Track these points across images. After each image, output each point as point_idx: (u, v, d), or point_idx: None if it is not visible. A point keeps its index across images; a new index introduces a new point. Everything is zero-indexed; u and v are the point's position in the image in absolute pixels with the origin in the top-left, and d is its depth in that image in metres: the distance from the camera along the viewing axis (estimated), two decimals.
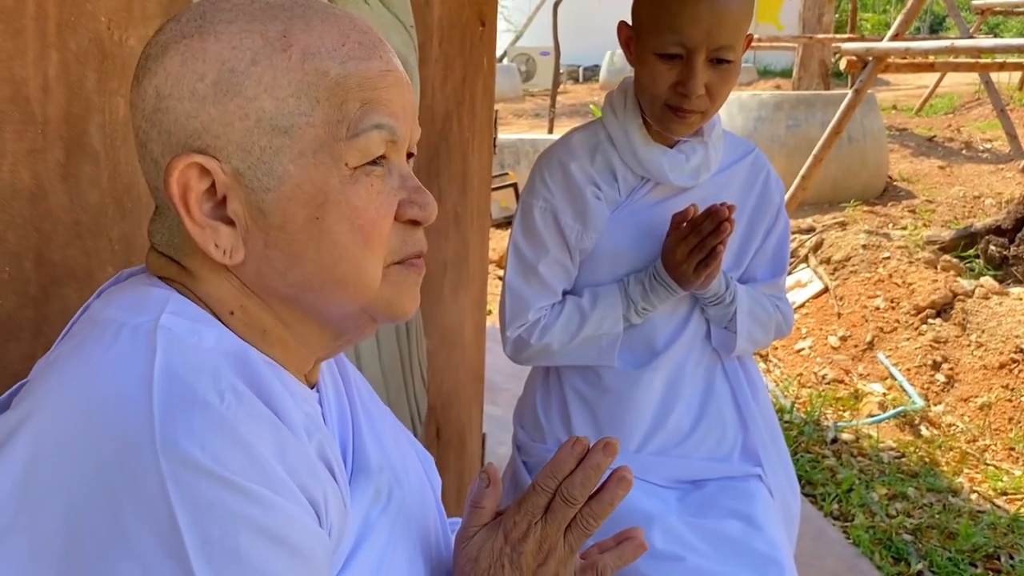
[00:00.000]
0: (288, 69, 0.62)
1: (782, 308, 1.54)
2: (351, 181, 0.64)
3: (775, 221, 1.52)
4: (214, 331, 0.63)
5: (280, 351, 0.68)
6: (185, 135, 0.62)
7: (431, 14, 1.69)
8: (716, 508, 1.41)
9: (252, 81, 0.61)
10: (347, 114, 0.63)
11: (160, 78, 0.62)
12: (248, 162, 0.62)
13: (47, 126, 0.91)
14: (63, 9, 0.92)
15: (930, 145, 9.00)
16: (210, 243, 0.63)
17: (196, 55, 0.62)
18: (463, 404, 2.14)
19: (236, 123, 0.62)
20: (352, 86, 0.63)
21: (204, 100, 0.61)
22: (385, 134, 0.65)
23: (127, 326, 0.60)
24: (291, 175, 0.63)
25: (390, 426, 0.84)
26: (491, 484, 0.77)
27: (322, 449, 0.65)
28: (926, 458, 3.43)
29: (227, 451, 0.54)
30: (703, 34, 1.28)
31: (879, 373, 4.07)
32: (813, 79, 11.02)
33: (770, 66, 17.94)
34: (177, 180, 0.61)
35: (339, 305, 0.67)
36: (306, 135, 0.62)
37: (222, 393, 0.57)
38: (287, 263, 0.64)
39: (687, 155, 1.42)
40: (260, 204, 0.63)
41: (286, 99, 0.62)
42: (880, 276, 4.64)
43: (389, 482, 0.74)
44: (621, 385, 1.47)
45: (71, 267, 0.96)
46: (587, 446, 0.74)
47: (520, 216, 1.47)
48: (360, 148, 0.64)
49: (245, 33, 0.62)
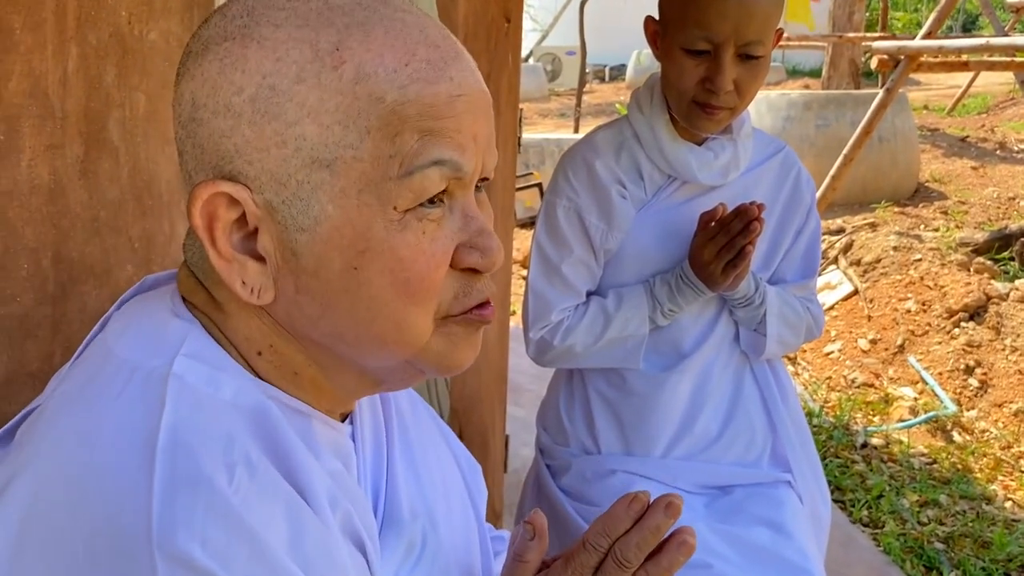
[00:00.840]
0: (337, 91, 0.53)
1: (812, 310, 1.51)
2: (399, 228, 0.55)
3: (806, 221, 1.49)
4: (233, 380, 0.57)
5: (313, 394, 0.62)
6: (217, 155, 0.55)
7: (456, 11, 1.67)
8: (744, 515, 1.37)
9: (295, 103, 0.53)
10: (401, 148, 0.54)
11: (197, 83, 0.55)
12: (283, 196, 0.55)
13: (66, 121, 0.90)
14: (83, 3, 0.91)
15: (963, 145, 8.85)
16: (236, 280, 0.56)
17: (236, 63, 0.54)
18: (486, 406, 2.12)
19: (272, 150, 0.54)
20: (411, 115, 0.54)
21: (240, 118, 0.54)
22: (446, 171, 0.56)
23: (140, 371, 0.55)
24: (330, 216, 0.54)
25: (434, 450, 0.77)
26: (536, 537, 0.68)
27: (349, 520, 0.59)
28: (959, 464, 3.36)
29: (231, 547, 0.49)
30: (731, 28, 1.25)
31: (910, 377, 4.00)
32: (843, 79, 10.89)
33: (799, 65, 17.76)
34: (202, 209, 0.55)
35: (379, 359, 0.60)
36: (351, 171, 0.54)
37: (232, 468, 0.51)
38: (319, 312, 0.57)
39: (716, 152, 1.39)
40: (293, 244, 0.56)
41: (331, 127, 0.53)
42: (911, 278, 4.56)
43: (423, 530, 0.68)
44: (647, 388, 1.44)
45: (89, 264, 0.95)
46: (646, 504, 0.65)
47: (543, 216, 1.44)
48: (414, 189, 0.55)
49: (293, 42, 0.53)
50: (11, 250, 0.87)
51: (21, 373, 0.89)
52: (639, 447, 1.44)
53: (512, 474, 2.79)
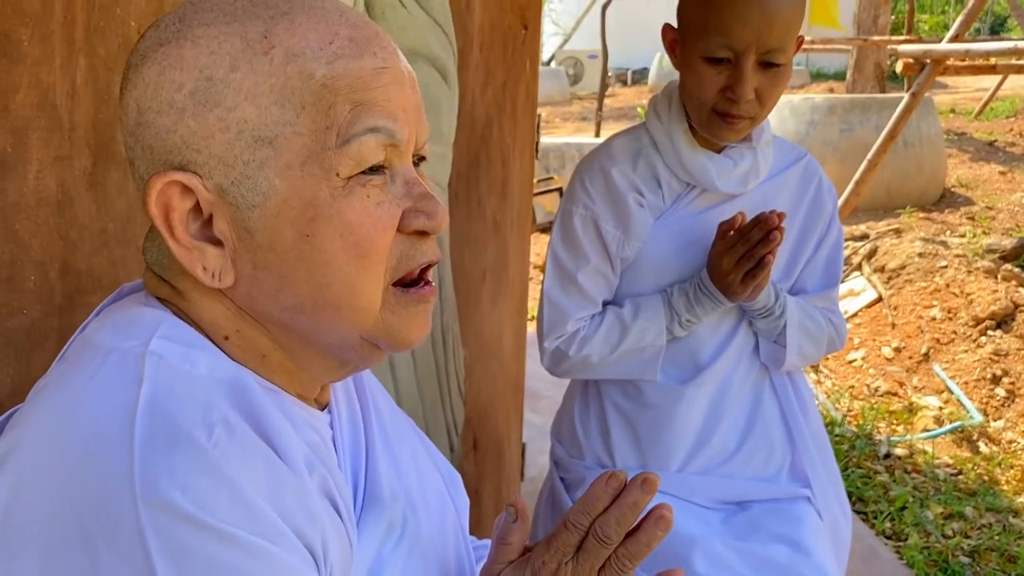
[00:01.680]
0: (270, 74, 0.57)
1: (835, 321, 1.48)
2: (344, 193, 0.58)
3: (827, 230, 1.46)
4: (208, 357, 0.59)
5: (282, 376, 0.64)
6: (165, 151, 0.58)
7: (472, 19, 1.66)
8: (762, 531, 1.34)
9: (232, 89, 0.57)
10: (336, 119, 0.58)
11: (140, 90, 0.58)
12: (231, 177, 0.58)
13: (74, 133, 0.90)
14: (92, 14, 0.90)
15: (990, 150, 8.72)
16: (197, 266, 0.59)
17: (173, 63, 0.57)
18: (501, 415, 2.11)
19: (216, 136, 0.57)
20: (341, 88, 0.58)
21: (183, 112, 0.57)
22: (382, 138, 0.59)
23: (115, 351, 0.57)
24: (277, 190, 0.58)
25: (409, 444, 0.80)
26: (519, 519, 0.71)
27: (325, 483, 0.61)
28: (985, 476, 3.29)
29: (212, 494, 0.50)
30: (752, 37, 1.22)
31: (935, 386, 3.94)
32: (868, 82, 10.78)
33: (823, 69, 17.62)
34: (156, 200, 0.58)
35: (336, 331, 0.62)
36: (292, 145, 0.57)
37: (211, 427, 0.53)
38: (278, 285, 0.60)
39: (735, 161, 1.36)
40: (246, 222, 0.58)
41: (269, 107, 0.57)
42: (937, 285, 4.49)
43: (404, 512, 0.70)
44: (663, 400, 1.42)
45: (97, 276, 0.94)
46: (623, 481, 0.67)
47: (559, 224, 1.43)
48: (352, 156, 0.58)
49: (224, 36, 0.57)
50: (18, 262, 0.86)
51: (28, 384, 0.88)
52: (655, 461, 1.42)
53: (529, 482, 2.77)
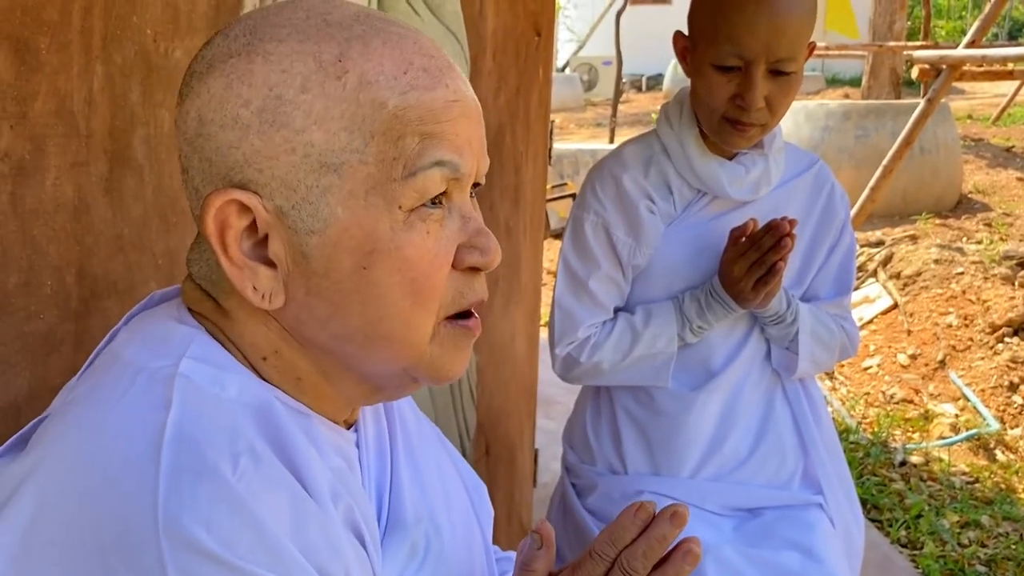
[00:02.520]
0: (342, 99, 0.56)
1: (847, 328, 1.47)
2: (404, 228, 0.58)
3: (840, 237, 1.45)
4: (238, 379, 0.58)
5: (314, 399, 0.64)
6: (226, 166, 0.57)
7: (485, 26, 1.67)
8: (774, 538, 1.34)
9: (301, 111, 0.56)
10: (404, 151, 0.57)
11: (203, 100, 0.57)
12: (292, 201, 0.57)
13: (91, 139, 0.91)
14: (109, 22, 0.91)
15: (1008, 156, 8.66)
16: (248, 285, 0.58)
17: (242, 77, 0.56)
18: (513, 420, 2.11)
19: (281, 157, 0.56)
20: (412, 119, 0.57)
21: (248, 129, 0.56)
22: (447, 172, 0.58)
23: (145, 371, 0.56)
24: (339, 218, 0.57)
25: (435, 457, 0.79)
26: (544, 546, 0.69)
27: (350, 513, 0.60)
28: (1002, 484, 3.26)
29: (235, 531, 0.50)
30: (762, 45, 1.22)
31: (951, 393, 3.91)
32: (883, 88, 10.72)
33: (839, 74, 17.54)
34: (214, 217, 0.57)
35: (382, 361, 0.61)
36: (358, 174, 0.56)
37: (237, 457, 0.52)
38: (329, 313, 0.59)
39: (747, 167, 1.36)
40: (303, 247, 0.58)
41: (338, 133, 0.56)
42: (953, 292, 4.46)
43: (427, 534, 0.69)
44: (675, 407, 1.42)
45: (113, 281, 0.95)
46: (652, 513, 0.66)
47: (570, 231, 1.43)
48: (417, 188, 0.57)
49: (297, 55, 0.56)
50: (36, 267, 0.88)
51: (44, 388, 0.90)
52: (667, 467, 1.42)
53: (541, 488, 2.77)
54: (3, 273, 0.84)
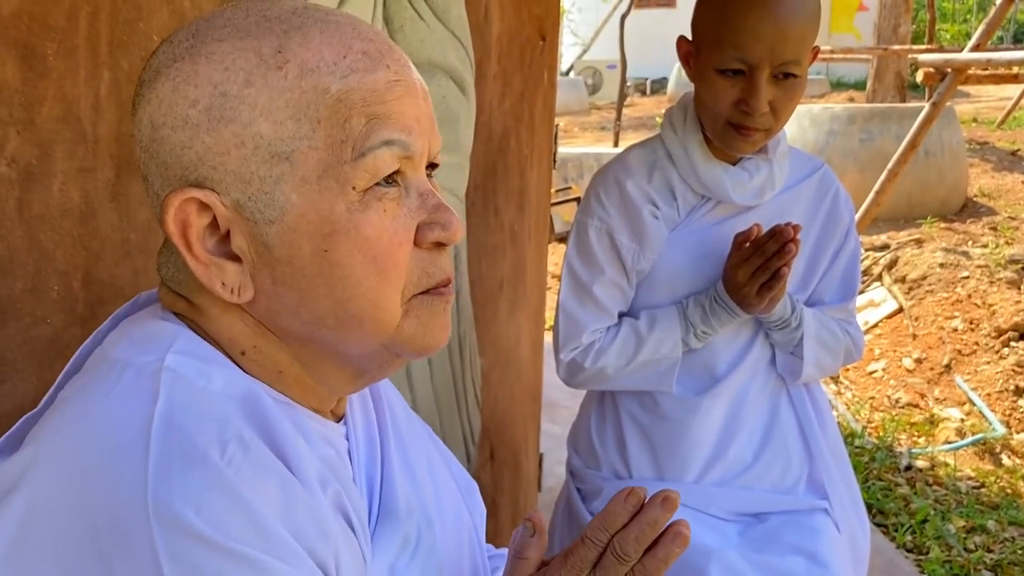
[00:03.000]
0: (285, 89, 0.57)
1: (852, 333, 1.47)
2: (360, 207, 0.59)
3: (844, 241, 1.45)
4: (224, 372, 0.59)
5: (297, 391, 0.65)
6: (181, 167, 0.58)
7: (490, 31, 1.67)
8: (779, 543, 1.34)
9: (246, 104, 0.57)
10: (351, 132, 0.58)
11: (153, 106, 0.59)
12: (248, 193, 0.58)
13: (97, 145, 0.91)
14: (115, 28, 0.92)
15: (1013, 160, 8.64)
16: (216, 282, 0.59)
17: (187, 79, 0.57)
18: (518, 424, 2.11)
19: (232, 151, 0.57)
20: (356, 101, 0.58)
21: (197, 128, 0.57)
22: (397, 150, 0.59)
23: (132, 366, 0.57)
24: (294, 205, 0.58)
25: (425, 453, 0.80)
26: (536, 534, 0.70)
27: (339, 499, 0.61)
28: (1008, 489, 3.25)
29: (225, 513, 0.50)
30: (766, 50, 1.22)
31: (957, 398, 3.90)
32: (888, 91, 10.71)
33: (843, 78, 17.52)
34: (174, 217, 0.58)
35: (358, 343, 0.62)
36: (308, 160, 0.58)
37: (225, 444, 0.53)
38: (298, 300, 0.60)
39: (750, 172, 1.36)
40: (264, 238, 0.59)
41: (284, 122, 0.57)
42: (958, 296, 4.45)
43: (419, 526, 0.70)
44: (680, 412, 1.42)
45: (119, 286, 0.95)
46: (643, 499, 0.67)
47: (574, 236, 1.43)
48: (368, 168, 0.58)
49: (238, 52, 0.57)
50: (43, 272, 0.88)
51: None
52: (671, 472, 1.41)
53: (546, 492, 2.77)
54: (10, 278, 0.84)
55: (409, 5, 1.33)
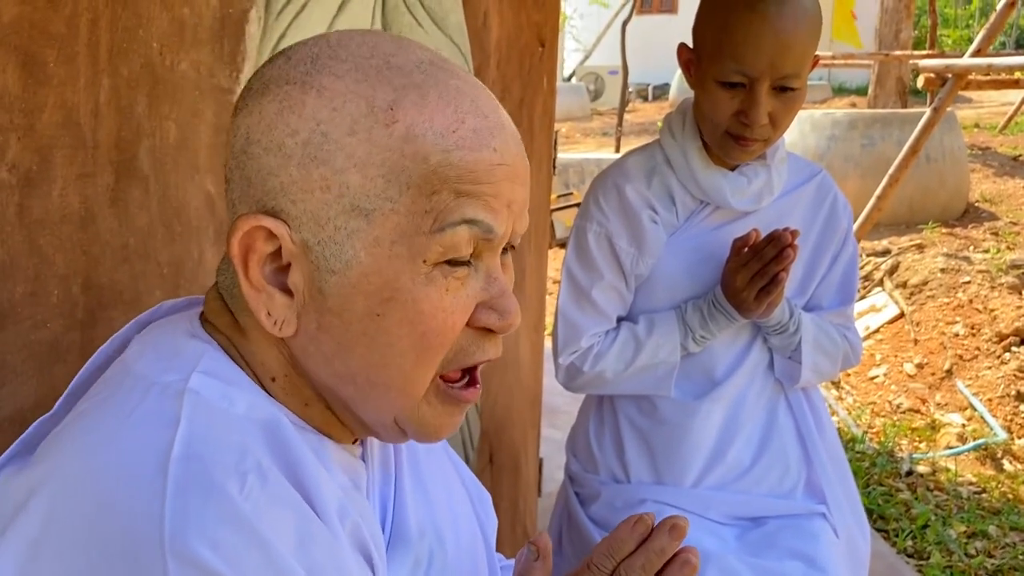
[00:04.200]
0: (386, 148, 0.56)
1: (850, 338, 1.48)
2: (424, 282, 0.57)
3: (842, 247, 1.46)
4: (247, 396, 0.59)
5: (321, 421, 0.64)
6: (263, 190, 0.58)
7: (488, 37, 1.68)
8: (777, 548, 1.34)
9: (344, 152, 0.56)
10: (436, 205, 0.56)
11: (254, 119, 0.58)
12: (319, 237, 0.57)
13: (97, 150, 0.92)
14: (115, 35, 0.93)
15: (1015, 165, 8.64)
16: (263, 310, 0.59)
17: (294, 107, 0.56)
18: (518, 429, 2.11)
19: (316, 193, 0.56)
20: (451, 177, 0.56)
21: (289, 159, 0.56)
22: (477, 231, 0.58)
23: (156, 386, 0.56)
24: (361, 262, 0.57)
25: (439, 466, 0.79)
26: (540, 558, 0.70)
27: (357, 531, 0.61)
28: (1009, 494, 3.25)
29: (241, 550, 0.50)
30: (766, 64, 1.23)
31: (958, 403, 3.89)
32: (890, 97, 10.71)
33: (845, 83, 17.53)
34: (240, 240, 0.58)
35: (376, 408, 0.62)
36: (387, 222, 0.56)
37: (244, 476, 0.53)
38: (335, 351, 0.59)
39: (749, 178, 1.37)
40: (322, 284, 0.58)
41: (375, 179, 0.56)
42: (960, 301, 4.45)
43: (430, 548, 0.70)
44: (678, 416, 1.42)
45: (119, 290, 0.96)
46: (650, 526, 0.66)
47: (573, 240, 1.44)
48: (444, 243, 0.57)
49: (351, 95, 0.56)
50: (42, 277, 0.88)
51: (50, 398, 0.90)
52: (670, 476, 1.42)
53: (546, 497, 2.77)
54: (10, 283, 0.85)
55: (407, 11, 1.33)
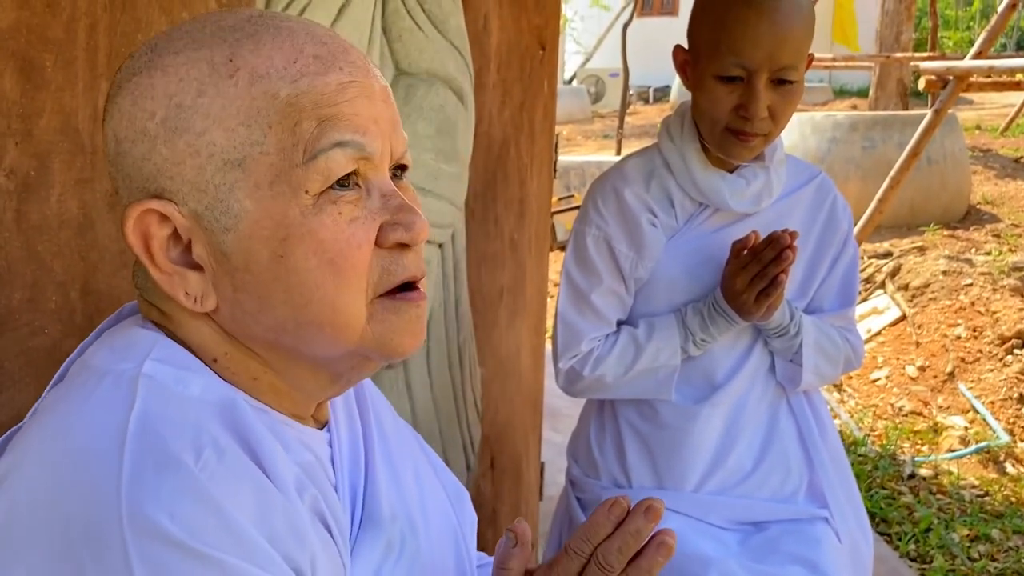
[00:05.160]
0: (235, 96, 0.57)
1: (851, 340, 1.47)
2: (314, 211, 0.58)
3: (843, 249, 1.45)
4: (201, 378, 0.60)
5: (273, 397, 0.65)
6: (142, 179, 0.59)
7: (489, 40, 1.68)
8: (779, 553, 1.33)
9: (199, 114, 0.57)
10: (302, 136, 0.57)
11: (116, 120, 0.60)
12: (204, 202, 0.58)
13: (95, 156, 0.92)
14: (114, 40, 0.93)
15: (1017, 166, 8.63)
16: (179, 291, 0.60)
17: (145, 92, 0.58)
18: (519, 433, 2.11)
19: (187, 161, 0.58)
20: (306, 104, 0.58)
21: (155, 140, 0.58)
22: (351, 151, 0.59)
23: (111, 374, 0.58)
24: (248, 211, 0.58)
25: (412, 459, 0.80)
26: (519, 544, 0.70)
27: (317, 504, 0.61)
28: (1012, 497, 3.24)
29: (199, 518, 0.50)
30: (764, 56, 1.23)
31: (960, 405, 3.89)
32: (891, 99, 10.71)
33: (846, 85, 17.53)
34: (134, 229, 0.59)
35: (322, 348, 0.62)
36: (260, 165, 0.57)
37: (200, 450, 0.53)
38: (258, 306, 0.60)
39: (748, 180, 1.36)
40: (222, 246, 0.59)
41: (236, 129, 0.57)
42: (961, 303, 4.44)
43: (403, 532, 0.70)
44: (679, 420, 1.41)
45: (117, 296, 0.96)
46: (626, 509, 0.66)
47: (572, 244, 1.43)
48: (320, 171, 0.58)
49: (192, 63, 0.58)
50: (41, 283, 0.88)
51: None
52: (671, 481, 1.41)
53: (548, 501, 2.76)
54: (8, 289, 0.85)
55: (407, 15, 1.33)
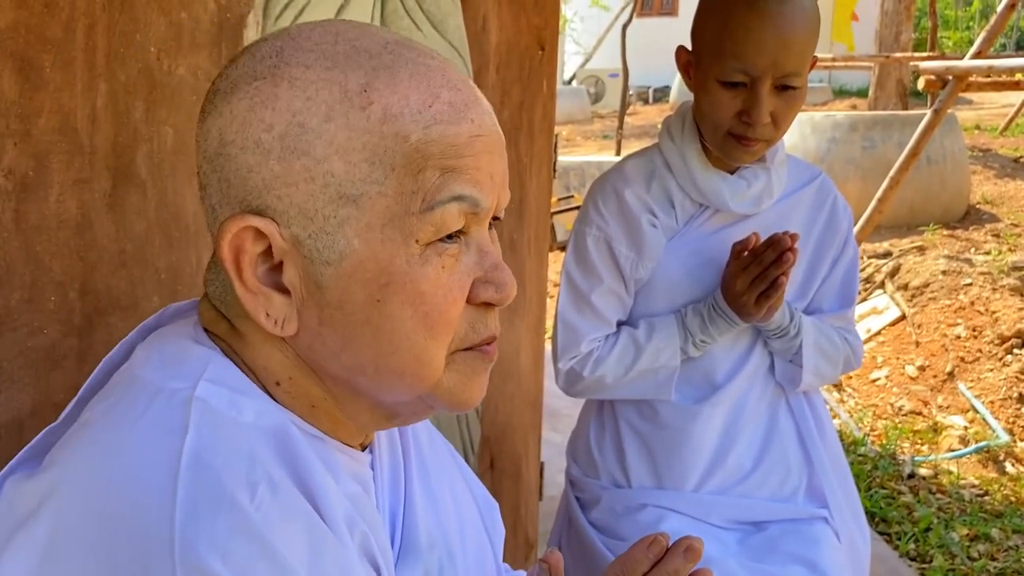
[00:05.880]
0: (365, 131, 0.55)
1: (851, 341, 1.47)
2: (420, 262, 0.57)
3: (843, 250, 1.45)
4: (254, 403, 0.58)
5: (329, 425, 0.63)
6: (244, 190, 0.57)
7: (488, 40, 1.68)
8: (778, 552, 1.33)
9: (323, 140, 0.55)
10: (423, 184, 0.56)
11: (225, 120, 0.57)
12: (309, 230, 0.56)
13: (94, 156, 0.92)
14: (112, 40, 0.92)
15: (1016, 166, 8.63)
16: (261, 312, 0.58)
17: (266, 102, 0.55)
18: (519, 433, 2.11)
19: (300, 185, 0.55)
20: (434, 153, 0.56)
21: (268, 154, 0.55)
22: (465, 206, 0.58)
23: (162, 392, 0.56)
24: (355, 250, 0.56)
25: (448, 476, 0.78)
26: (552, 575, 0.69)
27: (366, 542, 0.60)
28: (1011, 497, 3.24)
29: (252, 562, 0.49)
30: (768, 62, 1.22)
31: (960, 405, 3.89)
32: (890, 99, 10.71)
33: (846, 85, 17.53)
34: (230, 243, 0.56)
35: (394, 393, 0.61)
36: (376, 206, 0.56)
37: (255, 486, 0.52)
38: (341, 344, 0.59)
39: (748, 181, 1.36)
40: (318, 278, 0.57)
41: (359, 164, 0.55)
42: (961, 303, 4.44)
43: (440, 560, 0.69)
44: (678, 420, 1.41)
45: (116, 296, 0.96)
46: (664, 547, 0.65)
47: (573, 245, 1.43)
48: (435, 222, 0.57)
49: (323, 82, 0.55)
50: (39, 283, 0.88)
51: (47, 404, 0.90)
52: (670, 481, 1.41)
53: (548, 501, 2.76)
54: (7, 289, 0.85)
55: (406, 15, 1.33)
